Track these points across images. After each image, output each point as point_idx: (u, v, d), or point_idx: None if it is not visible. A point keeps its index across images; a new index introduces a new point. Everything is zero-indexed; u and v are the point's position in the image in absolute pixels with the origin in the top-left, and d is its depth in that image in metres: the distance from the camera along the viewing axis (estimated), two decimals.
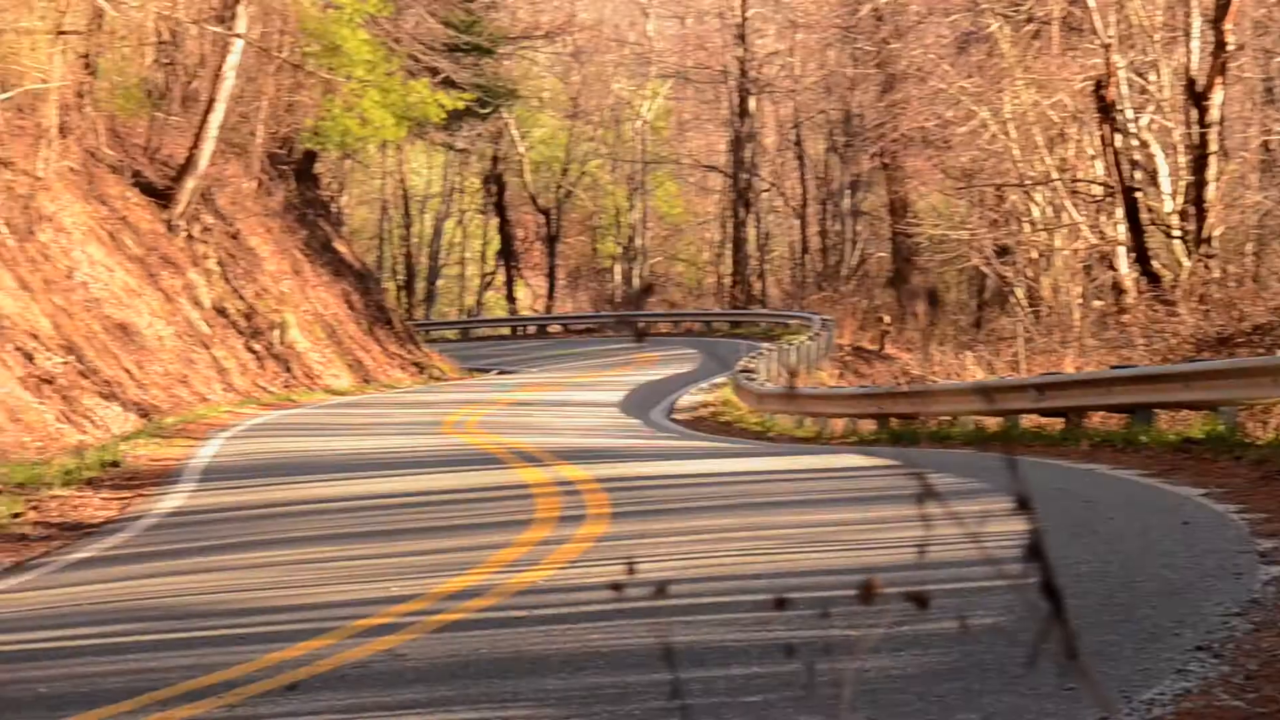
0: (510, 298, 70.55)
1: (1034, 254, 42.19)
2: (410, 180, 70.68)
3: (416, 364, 46.50)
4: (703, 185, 74.54)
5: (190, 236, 38.15)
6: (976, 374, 30.44)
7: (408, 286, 69.84)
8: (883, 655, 6.72)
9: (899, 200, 56.10)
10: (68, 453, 22.33)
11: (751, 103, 63.78)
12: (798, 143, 66.44)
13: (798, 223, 67.42)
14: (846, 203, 65.18)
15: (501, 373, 48.37)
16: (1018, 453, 17.86)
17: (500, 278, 72.45)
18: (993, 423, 21.66)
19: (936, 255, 52.44)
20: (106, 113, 37.81)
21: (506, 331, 65.20)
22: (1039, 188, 40.54)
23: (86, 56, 35.42)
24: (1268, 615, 7.52)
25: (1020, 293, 42.27)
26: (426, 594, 9.36)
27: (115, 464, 21.41)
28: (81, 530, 15.90)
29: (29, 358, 26.66)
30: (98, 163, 36.08)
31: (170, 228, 37.54)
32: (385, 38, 42.57)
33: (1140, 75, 35.87)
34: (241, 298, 39.36)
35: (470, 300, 74.69)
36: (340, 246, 48.88)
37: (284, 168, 45.03)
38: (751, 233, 65.35)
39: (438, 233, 72.57)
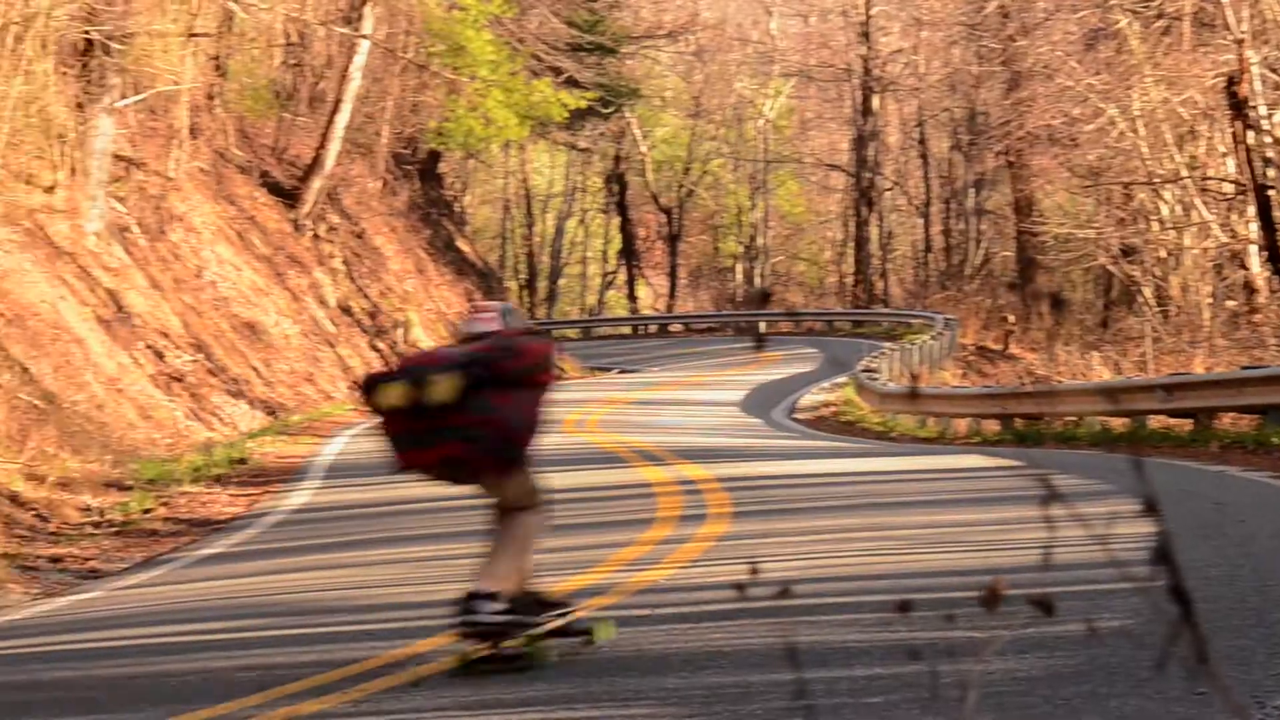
0: (631, 297, 70.69)
1: (1162, 253, 41.62)
2: (533, 180, 71.02)
3: None
4: (825, 184, 74.26)
5: (316, 236, 38.60)
6: (1103, 374, 30.07)
7: (530, 285, 70.20)
8: (1008, 658, 6.66)
9: (1024, 199, 55.55)
10: (196, 449, 22.67)
11: (875, 101, 63.45)
12: (921, 141, 66.01)
13: (921, 221, 66.98)
14: (970, 201, 64.65)
15: (622, 371, 48.48)
16: (1145, 454, 17.63)
17: (622, 277, 72.62)
18: (1119, 424, 21.38)
19: (1062, 254, 51.87)
20: (235, 114, 38.35)
21: (628, 330, 65.33)
22: (1168, 186, 39.98)
23: (217, 58, 35.94)
24: None
25: (1148, 292, 41.70)
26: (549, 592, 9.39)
27: (242, 461, 21.72)
28: (210, 526, 16.13)
29: (159, 356, 27.11)
30: (226, 163, 36.61)
31: (297, 227, 38.01)
32: (509, 38, 42.81)
33: (1274, 70, 35.25)
34: (366, 296, 39.75)
35: (592, 299, 74.92)
36: (463, 246, 49.24)
37: (408, 167, 45.42)
38: (874, 232, 65.02)
39: (560, 232, 72.87)
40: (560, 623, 7.37)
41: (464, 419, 6.93)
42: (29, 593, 12.84)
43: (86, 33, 26.72)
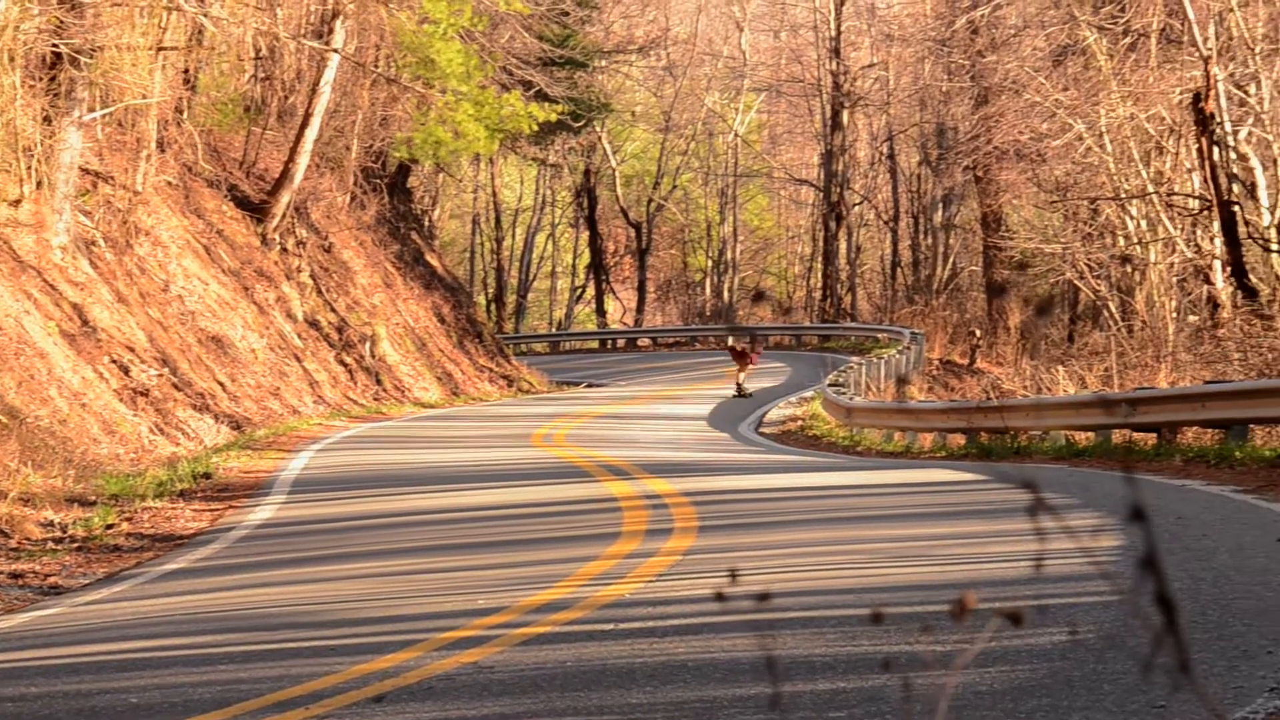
0: (600, 311, 70.69)
1: (1128, 268, 41.78)
2: (502, 194, 71.01)
3: (506, 377, 46.67)
4: (794, 199, 74.41)
5: (284, 250, 38.50)
6: (1068, 389, 30.16)
7: (498, 300, 70.15)
8: (970, 671, 6.67)
9: (991, 214, 55.75)
10: (160, 464, 22.57)
11: (844, 116, 63.62)
12: (890, 156, 66.20)
13: (889, 236, 67.17)
14: (938, 216, 64.86)
15: (590, 386, 48.45)
16: (1110, 469, 17.68)
17: (590, 291, 72.63)
18: (1083, 438, 21.46)
19: (1029, 269, 52.01)
20: (204, 127, 38.25)
21: (595, 345, 65.33)
22: (1134, 201, 40.16)
23: (186, 72, 35.84)
24: None
25: (1113, 307, 41.87)
26: (513, 607, 9.38)
27: (207, 476, 21.62)
28: (173, 542, 16.06)
29: (125, 370, 27.00)
30: (195, 177, 36.50)
31: (265, 241, 37.91)
32: (480, 51, 42.78)
33: (1240, 87, 35.45)
34: (334, 310, 39.67)
35: (560, 314, 74.90)
36: (432, 260, 49.17)
37: (377, 181, 45.36)
38: (842, 246, 65.18)
39: (528, 246, 72.85)
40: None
41: (751, 356, 39.57)
42: None
43: (55, 46, 26.62)
